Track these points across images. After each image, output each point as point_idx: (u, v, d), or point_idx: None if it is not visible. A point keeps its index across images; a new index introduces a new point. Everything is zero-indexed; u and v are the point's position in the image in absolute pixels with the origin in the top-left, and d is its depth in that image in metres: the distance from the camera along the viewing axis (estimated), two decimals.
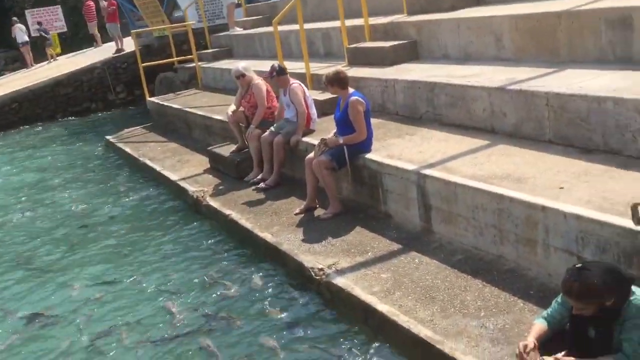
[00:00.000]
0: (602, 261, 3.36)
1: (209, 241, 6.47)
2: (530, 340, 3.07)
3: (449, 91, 6.26)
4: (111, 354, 4.66)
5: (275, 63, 7.38)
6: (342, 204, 6.04)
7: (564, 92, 5.06)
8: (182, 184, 8.04)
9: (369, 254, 5.08)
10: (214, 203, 7.04)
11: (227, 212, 6.63)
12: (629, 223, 3.59)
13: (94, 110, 17.36)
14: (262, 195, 6.94)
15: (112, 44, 18.83)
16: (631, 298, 2.90)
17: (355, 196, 6.16)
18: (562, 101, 5.06)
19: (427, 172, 5.13)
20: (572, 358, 2.99)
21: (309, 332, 4.48)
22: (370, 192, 5.93)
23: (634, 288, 2.94)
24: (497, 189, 4.49)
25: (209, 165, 8.48)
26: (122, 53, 17.83)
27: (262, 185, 7.13)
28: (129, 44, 16.30)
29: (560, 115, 5.08)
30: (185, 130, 10.84)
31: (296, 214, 6.15)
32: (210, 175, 8.12)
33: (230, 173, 7.81)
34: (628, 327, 2.87)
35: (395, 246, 5.15)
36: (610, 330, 2.95)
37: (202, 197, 7.33)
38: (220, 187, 7.54)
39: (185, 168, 8.78)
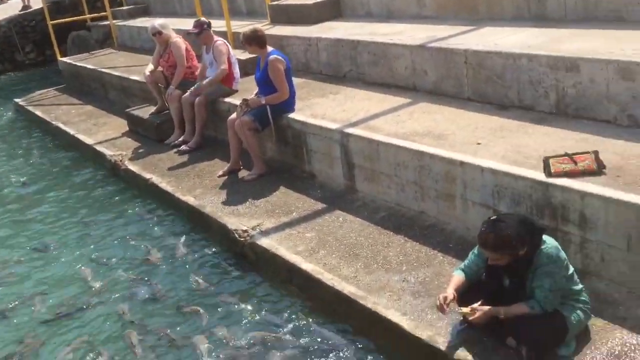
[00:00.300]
0: (515, 213, 3.48)
1: (129, 206, 6.25)
2: (450, 292, 3.16)
3: (372, 49, 6.24)
4: (23, 322, 4.46)
5: (202, 18, 7.11)
6: (267, 164, 5.97)
7: (481, 50, 5.15)
8: (99, 148, 7.69)
9: (294, 214, 5.06)
10: (133, 167, 6.79)
11: (147, 175, 6.41)
12: (541, 176, 3.73)
13: (1, 71, 16.24)
14: (184, 158, 6.75)
15: (19, 0, 17.57)
16: (542, 247, 3.01)
17: (280, 156, 6.10)
18: (479, 58, 5.15)
19: (351, 130, 5.13)
20: (488, 307, 3.09)
21: (233, 294, 4.43)
22: (294, 152, 5.88)
23: (544, 237, 3.06)
24: (418, 146, 4.54)
25: (127, 128, 8.14)
26: (30, 10, 16.63)
27: (183, 147, 6.93)
28: (37, 1, 15.25)
29: (478, 73, 5.18)
30: (101, 92, 10.33)
31: (219, 176, 6.02)
32: (129, 139, 7.80)
33: (150, 136, 7.53)
34: (539, 275, 3.00)
35: (320, 205, 5.15)
36: (523, 279, 3.07)
37: (121, 161, 7.04)
38: (140, 151, 7.26)
39: (102, 131, 8.39)
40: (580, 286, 3.14)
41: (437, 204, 4.50)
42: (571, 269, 3.11)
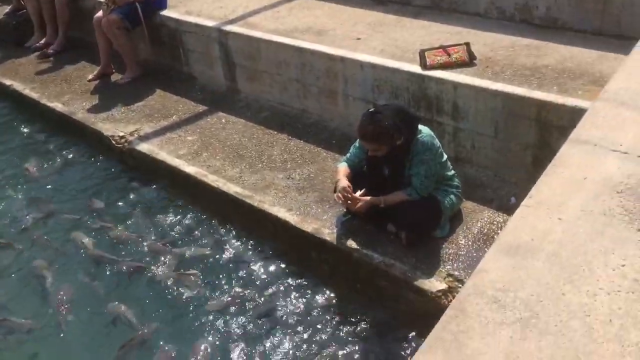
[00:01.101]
0: (392, 104, 3.56)
1: None
2: (345, 182, 3.21)
3: None
4: None
5: None
6: (141, 66, 5.62)
7: None
8: None
9: (174, 117, 4.87)
10: None
11: (7, 82, 5.83)
12: (417, 68, 3.83)
13: None
14: (48, 63, 6.18)
15: None
16: (418, 136, 3.13)
17: (155, 58, 5.76)
18: None
19: (229, 28, 4.91)
20: (369, 197, 3.21)
21: (113, 201, 4.25)
22: (171, 53, 5.57)
23: (420, 127, 3.17)
24: (299, 43, 4.46)
25: None
26: None
27: (47, 50, 6.33)
28: None
29: None
30: None
31: (90, 80, 5.61)
32: None
33: (7, 38, 6.79)
34: (415, 163, 3.13)
35: (201, 108, 4.99)
36: (401, 167, 3.19)
37: None
38: None
39: None
40: (452, 172, 3.33)
41: (319, 101, 4.51)
42: (445, 156, 3.28)
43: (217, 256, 3.63)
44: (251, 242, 3.70)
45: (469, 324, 1.34)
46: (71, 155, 4.86)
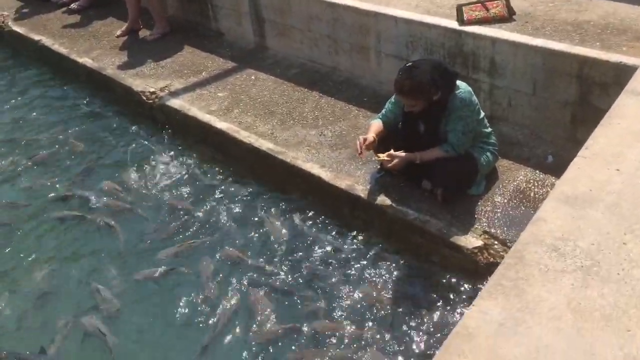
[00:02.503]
0: (430, 59, 3.50)
1: (19, 73, 5.72)
2: (371, 135, 3.20)
3: None
4: None
5: None
6: (169, 22, 5.58)
7: None
8: None
9: (203, 74, 4.84)
10: (18, 28, 6.13)
11: (36, 37, 5.83)
12: (453, 24, 3.74)
13: None
14: (75, 18, 6.17)
15: None
16: (456, 92, 3.07)
17: (183, 14, 5.71)
18: None
19: None
20: (405, 153, 3.17)
21: (145, 157, 4.26)
22: (199, 9, 5.51)
23: (458, 82, 3.11)
24: None
25: None
26: None
27: (73, 6, 6.32)
28: None
29: None
30: None
31: (118, 36, 5.59)
32: None
33: None
34: (453, 119, 3.08)
35: (230, 64, 4.95)
36: (438, 124, 3.15)
37: (3, 22, 6.33)
38: (24, 11, 6.54)
39: None
40: (489, 129, 3.28)
41: (350, 58, 4.45)
42: (482, 114, 3.22)
43: (247, 213, 3.63)
44: (282, 198, 3.70)
45: (528, 271, 1.33)
46: (99, 111, 4.89)
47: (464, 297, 2.87)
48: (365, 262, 3.16)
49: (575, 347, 1.15)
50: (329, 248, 3.29)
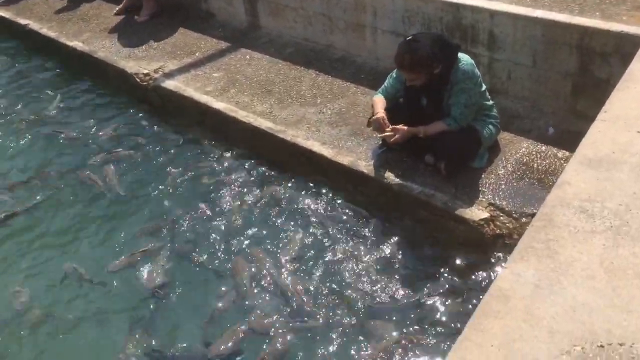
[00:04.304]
0: (430, 32, 3.47)
1: (8, 58, 5.60)
2: (382, 112, 3.18)
3: None
4: None
5: None
6: (158, 3, 5.49)
7: None
8: None
9: (197, 54, 4.79)
10: (4, 13, 6.00)
11: (23, 22, 5.72)
12: None
13: None
14: (62, 2, 6.05)
15: None
16: (458, 64, 3.06)
17: None
18: None
19: None
20: (407, 127, 3.16)
21: (140, 140, 4.21)
22: None
23: (460, 55, 3.09)
24: None
25: None
26: None
27: None
28: None
29: None
30: None
31: (115, 14, 5.50)
32: None
33: None
34: (455, 92, 3.07)
35: (224, 44, 4.90)
36: (440, 97, 3.14)
37: None
38: None
39: None
40: (491, 102, 3.28)
41: (346, 36, 4.41)
42: (484, 86, 3.21)
43: (251, 191, 3.61)
44: (283, 176, 3.68)
45: (558, 233, 1.34)
46: (92, 96, 4.81)
47: (473, 268, 2.88)
48: (371, 236, 3.16)
49: (612, 305, 1.16)
50: (333, 224, 3.28)
